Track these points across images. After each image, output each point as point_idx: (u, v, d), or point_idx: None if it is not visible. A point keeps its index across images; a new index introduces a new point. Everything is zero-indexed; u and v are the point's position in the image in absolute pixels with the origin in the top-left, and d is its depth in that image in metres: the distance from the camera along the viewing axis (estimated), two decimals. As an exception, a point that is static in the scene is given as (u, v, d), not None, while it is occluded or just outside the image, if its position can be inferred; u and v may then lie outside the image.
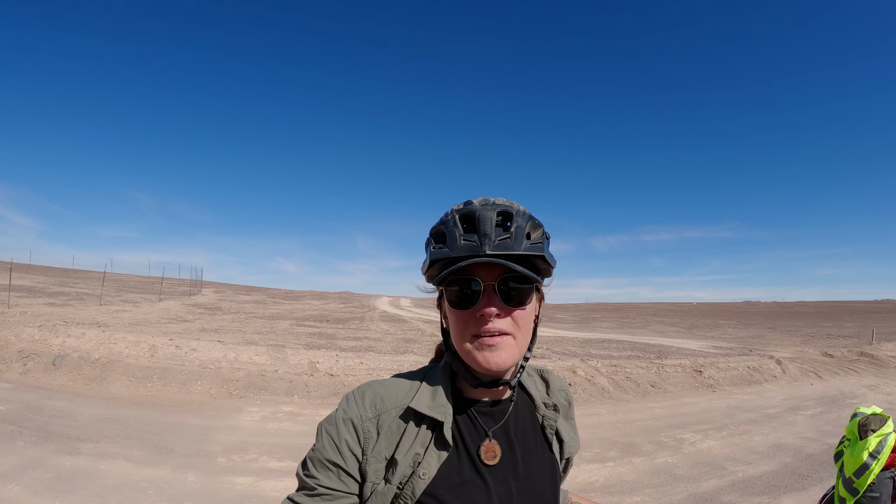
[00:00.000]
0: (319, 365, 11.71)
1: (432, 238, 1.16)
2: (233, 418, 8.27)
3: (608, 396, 11.71)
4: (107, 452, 6.25)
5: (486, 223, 1.08)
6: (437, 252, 1.11)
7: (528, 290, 1.13)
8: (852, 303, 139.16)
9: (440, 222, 1.15)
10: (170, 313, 25.10)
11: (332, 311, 41.52)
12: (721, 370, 14.50)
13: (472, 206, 1.12)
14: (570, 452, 1.33)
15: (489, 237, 1.07)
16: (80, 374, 9.79)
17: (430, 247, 1.15)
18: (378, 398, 1.15)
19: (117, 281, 54.18)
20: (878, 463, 3.62)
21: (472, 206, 1.12)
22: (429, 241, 1.17)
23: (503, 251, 1.07)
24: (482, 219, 1.09)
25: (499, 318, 1.09)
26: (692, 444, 8.20)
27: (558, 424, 1.30)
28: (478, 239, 1.07)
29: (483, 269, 1.10)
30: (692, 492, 6.20)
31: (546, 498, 1.20)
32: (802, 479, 6.69)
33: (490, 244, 1.07)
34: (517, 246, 1.09)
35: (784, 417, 10.33)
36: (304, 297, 67.45)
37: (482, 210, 1.10)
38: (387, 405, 1.14)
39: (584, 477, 6.57)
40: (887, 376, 16.02)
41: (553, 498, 1.22)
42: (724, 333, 34.93)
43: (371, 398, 1.15)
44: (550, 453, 1.27)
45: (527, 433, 1.24)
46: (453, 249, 1.08)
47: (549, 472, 1.24)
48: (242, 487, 5.62)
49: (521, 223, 1.12)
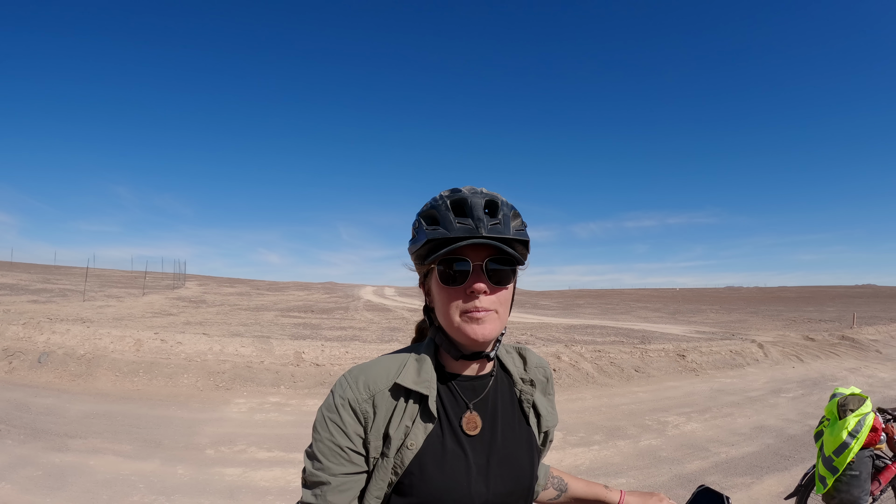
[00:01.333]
0: (305, 355, 11.73)
1: (423, 220, 1.23)
2: (220, 410, 8.28)
3: (593, 381, 11.85)
4: (96, 448, 6.24)
5: (478, 209, 1.18)
6: (434, 232, 1.18)
7: (510, 271, 1.22)
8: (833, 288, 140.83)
9: (431, 206, 1.23)
10: (154, 307, 24.95)
11: (317, 301, 41.46)
12: (704, 354, 14.70)
13: (462, 194, 1.20)
14: (547, 426, 1.39)
15: (482, 221, 1.16)
16: (66, 370, 9.74)
17: (421, 228, 1.22)
18: (370, 380, 1.20)
19: (100, 276, 53.72)
20: (857, 442, 3.72)
21: (463, 193, 1.20)
22: (419, 223, 1.24)
23: (496, 234, 1.16)
24: (474, 205, 1.18)
25: (485, 295, 1.18)
26: (676, 427, 8.34)
27: (535, 399, 1.37)
28: (472, 222, 1.16)
29: (472, 250, 1.18)
30: (676, 473, 6.32)
31: (522, 468, 1.27)
32: (784, 460, 6.84)
33: (485, 227, 1.16)
34: (506, 231, 1.18)
35: (766, 400, 10.52)
36: (288, 288, 67.22)
37: (473, 197, 1.19)
38: (379, 385, 1.20)
39: (570, 460, 6.67)
40: (868, 359, 16.32)
41: (530, 468, 1.29)
42: (707, 318, 35.31)
43: (364, 380, 1.20)
44: (528, 426, 1.34)
45: (505, 406, 1.31)
46: (450, 231, 1.16)
47: (527, 443, 1.31)
48: (232, 479, 5.65)
49: (506, 212, 1.21)
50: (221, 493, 5.27)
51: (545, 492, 1.62)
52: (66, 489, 5.06)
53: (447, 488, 1.15)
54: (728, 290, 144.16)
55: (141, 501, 4.94)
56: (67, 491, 5.02)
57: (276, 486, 5.50)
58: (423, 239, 1.19)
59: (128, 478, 5.46)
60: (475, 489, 1.17)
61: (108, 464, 5.80)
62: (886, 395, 11.03)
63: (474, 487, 1.18)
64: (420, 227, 1.23)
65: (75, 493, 4.98)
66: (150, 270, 52.39)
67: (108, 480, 5.35)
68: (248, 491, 5.35)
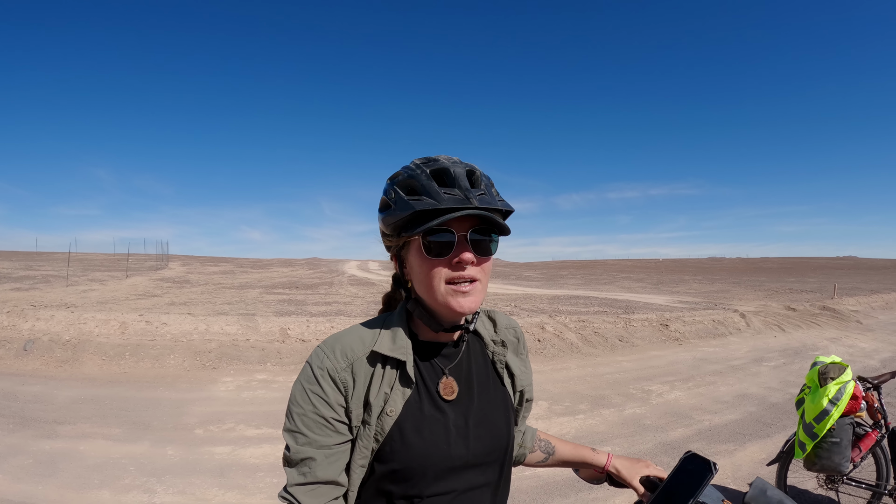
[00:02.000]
0: (290, 331, 11.73)
1: (400, 189, 1.19)
2: (207, 390, 8.29)
3: (577, 351, 11.98)
4: (85, 433, 6.23)
5: (462, 178, 1.15)
6: (420, 203, 1.14)
7: (493, 241, 1.21)
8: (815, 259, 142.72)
9: (408, 175, 1.19)
10: (138, 289, 24.75)
11: (301, 277, 41.32)
12: (687, 324, 14.87)
13: (443, 163, 1.18)
14: (522, 385, 1.40)
15: (471, 191, 1.14)
16: (52, 356, 9.67)
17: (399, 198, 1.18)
18: (347, 348, 1.20)
19: (83, 260, 53.07)
20: (837, 409, 3.80)
21: (442, 162, 1.18)
22: (394, 192, 1.20)
23: (486, 205, 1.14)
24: (457, 175, 1.15)
25: (471, 265, 1.17)
26: (660, 396, 8.47)
27: (507, 359, 1.38)
28: (461, 193, 1.14)
29: (457, 222, 1.16)
30: (660, 440, 6.44)
31: (499, 427, 1.29)
32: (766, 427, 6.97)
33: (475, 198, 1.14)
34: (493, 201, 1.17)
35: (748, 369, 10.69)
36: (271, 265, 66.98)
37: (454, 167, 1.16)
38: (356, 353, 1.20)
39: (555, 429, 6.76)
40: (848, 329, 16.56)
41: (507, 427, 1.31)
42: (690, 289, 35.65)
43: (341, 349, 1.20)
44: (502, 387, 1.35)
45: (479, 369, 1.32)
46: (440, 201, 1.12)
47: (502, 403, 1.33)
48: (221, 457, 5.67)
49: (486, 182, 1.21)
50: (212, 471, 5.30)
51: (532, 454, 1.64)
52: (57, 476, 5.05)
53: (427, 452, 1.17)
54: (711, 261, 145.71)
55: (132, 484, 4.95)
56: (59, 477, 5.02)
57: (265, 462, 5.54)
58: (407, 210, 1.15)
59: (118, 461, 5.47)
60: (455, 451, 1.19)
61: (98, 448, 5.80)
62: (867, 364, 11.23)
63: (454, 449, 1.19)
64: (398, 198, 1.19)
65: (67, 479, 4.98)
66: (132, 253, 51.79)
67: (98, 465, 5.35)
68: (238, 468, 5.39)
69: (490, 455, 1.26)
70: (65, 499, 4.60)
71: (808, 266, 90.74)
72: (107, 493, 4.75)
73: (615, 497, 4.80)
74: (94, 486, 4.87)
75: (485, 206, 1.14)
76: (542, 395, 8.28)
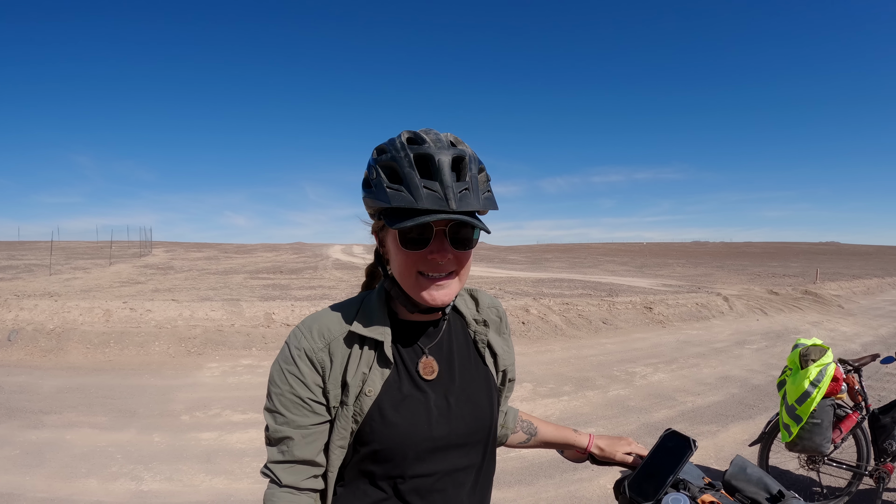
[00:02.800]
0: (275, 316, 11.71)
1: (382, 172, 1.13)
2: (193, 376, 8.27)
3: (561, 333, 12.08)
4: (71, 422, 6.19)
5: (445, 170, 1.08)
6: (399, 197, 1.08)
7: (474, 234, 1.17)
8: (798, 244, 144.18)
9: (391, 157, 1.12)
10: (121, 276, 24.51)
11: (285, 262, 41.09)
12: (670, 307, 15.02)
13: (428, 148, 1.10)
14: (504, 365, 1.39)
15: (451, 189, 1.07)
16: (37, 346, 9.58)
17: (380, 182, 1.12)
18: (324, 328, 1.20)
19: (66, 249, 52.45)
20: (818, 391, 3.85)
21: (427, 147, 1.10)
22: (376, 171, 1.15)
23: (465, 208, 1.08)
24: (441, 164, 1.08)
25: (448, 260, 1.14)
26: (643, 378, 8.57)
27: (489, 338, 1.37)
28: (441, 190, 1.07)
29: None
30: (644, 422, 6.53)
31: (482, 407, 1.28)
32: (749, 409, 7.08)
33: (454, 198, 1.07)
34: (476, 200, 1.11)
35: (731, 351, 10.84)
36: (256, 250, 66.62)
37: (439, 154, 1.09)
38: (333, 333, 1.20)
39: (540, 411, 6.84)
40: (830, 313, 16.78)
41: (489, 407, 1.30)
42: (674, 272, 35.93)
43: (318, 329, 1.20)
44: (484, 366, 1.34)
45: (460, 348, 1.31)
46: (417, 199, 1.06)
47: (485, 383, 1.32)
48: (208, 443, 5.68)
49: (473, 171, 1.13)
50: (198, 457, 5.30)
51: (515, 435, 1.64)
52: (44, 466, 5.03)
53: (408, 431, 1.17)
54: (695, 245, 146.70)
55: (119, 471, 4.94)
56: (46, 467, 4.99)
57: (251, 447, 5.55)
58: (384, 201, 1.10)
59: (105, 449, 5.45)
60: (436, 430, 1.19)
61: (85, 437, 5.77)
62: (847, 347, 11.40)
63: (435, 429, 1.19)
64: (379, 181, 1.13)
65: (54, 469, 4.96)
66: (115, 240, 51.41)
67: (85, 453, 5.33)
68: (224, 454, 5.40)
69: (473, 435, 1.26)
70: (52, 488, 4.59)
71: (791, 251, 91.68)
72: (94, 481, 4.74)
73: (599, 477, 4.88)
74: (81, 474, 4.86)
75: (463, 210, 1.08)
76: (526, 378, 8.35)
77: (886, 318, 16.31)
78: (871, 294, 23.19)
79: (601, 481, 4.83)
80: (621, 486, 1.42)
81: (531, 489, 4.73)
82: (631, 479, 1.42)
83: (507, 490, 4.70)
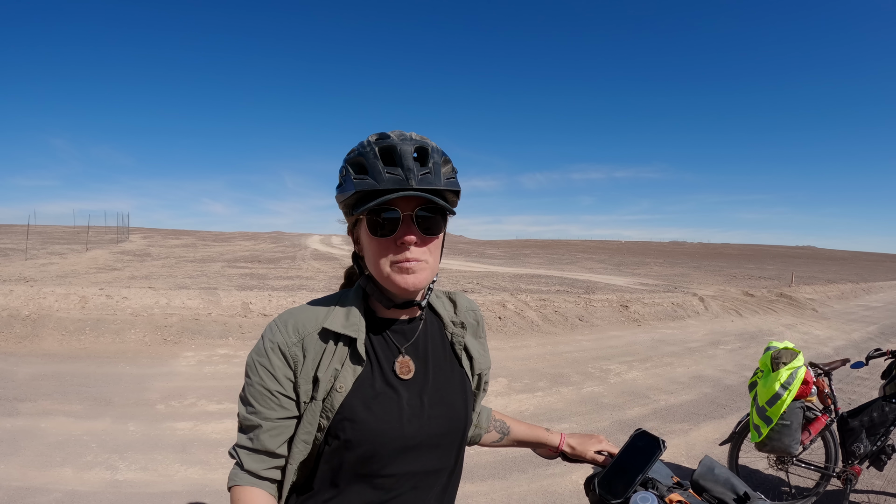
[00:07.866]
0: (252, 306, 11.66)
1: (350, 168, 1.20)
2: (169, 365, 8.22)
3: (537, 329, 12.17)
4: (46, 410, 6.13)
5: (408, 157, 1.14)
6: (363, 183, 1.15)
7: (440, 220, 1.22)
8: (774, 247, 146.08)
9: (358, 153, 1.19)
10: (98, 262, 24.20)
11: (263, 251, 40.86)
12: (646, 306, 15.20)
13: (391, 141, 1.16)
14: (480, 368, 1.42)
15: (413, 171, 1.14)
16: (11, 332, 9.44)
17: (348, 177, 1.20)
18: (300, 323, 1.22)
19: (42, 233, 51.67)
20: (789, 393, 3.94)
21: (392, 140, 1.16)
22: (346, 169, 1.22)
23: (426, 186, 1.15)
24: (403, 153, 1.14)
25: (416, 245, 1.18)
26: (618, 375, 8.68)
27: (466, 341, 1.40)
28: (402, 173, 1.13)
29: (403, 201, 1.17)
30: (617, 419, 6.62)
31: (456, 409, 1.31)
32: (721, 408, 7.20)
33: (415, 178, 1.13)
34: (437, 181, 1.17)
35: (705, 351, 11.00)
36: (234, 238, 66.14)
37: (402, 144, 1.15)
38: (308, 328, 1.22)
39: (514, 406, 6.91)
40: (804, 317, 17.05)
41: (464, 409, 1.33)
42: (651, 271, 36.29)
43: (293, 324, 1.22)
44: (461, 368, 1.37)
45: (437, 349, 1.34)
46: (380, 182, 1.13)
47: (460, 385, 1.35)
48: (183, 432, 5.67)
49: (437, 159, 1.19)
50: (174, 447, 5.29)
51: (488, 435, 1.67)
52: (18, 454, 4.97)
53: (379, 429, 1.18)
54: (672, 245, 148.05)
55: (94, 461, 4.91)
56: (20, 456, 4.94)
57: (227, 437, 5.55)
58: (350, 189, 1.17)
59: (80, 438, 5.41)
60: (408, 429, 1.21)
61: (60, 425, 5.72)
62: (820, 351, 11.60)
63: (407, 428, 1.21)
64: (347, 176, 1.20)
65: (29, 458, 4.90)
66: (92, 225, 50.65)
67: (60, 442, 5.28)
68: (199, 444, 5.39)
69: (446, 437, 1.28)
70: (27, 477, 4.55)
71: (767, 254, 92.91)
72: (69, 470, 4.71)
73: (572, 472, 4.95)
74: (56, 463, 4.82)
75: (424, 187, 1.15)
76: (501, 373, 8.42)
77: (859, 322, 16.62)
78: (845, 298, 23.61)
79: (574, 476, 4.90)
80: (591, 484, 1.45)
81: (504, 483, 4.79)
82: (601, 476, 1.44)
83: (479, 484, 4.76)
